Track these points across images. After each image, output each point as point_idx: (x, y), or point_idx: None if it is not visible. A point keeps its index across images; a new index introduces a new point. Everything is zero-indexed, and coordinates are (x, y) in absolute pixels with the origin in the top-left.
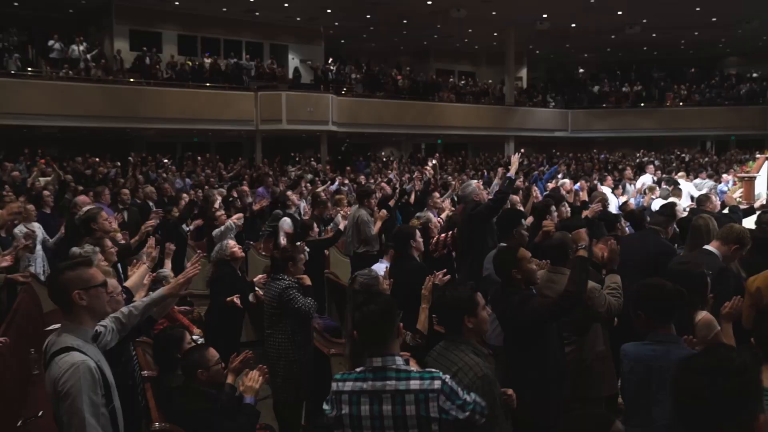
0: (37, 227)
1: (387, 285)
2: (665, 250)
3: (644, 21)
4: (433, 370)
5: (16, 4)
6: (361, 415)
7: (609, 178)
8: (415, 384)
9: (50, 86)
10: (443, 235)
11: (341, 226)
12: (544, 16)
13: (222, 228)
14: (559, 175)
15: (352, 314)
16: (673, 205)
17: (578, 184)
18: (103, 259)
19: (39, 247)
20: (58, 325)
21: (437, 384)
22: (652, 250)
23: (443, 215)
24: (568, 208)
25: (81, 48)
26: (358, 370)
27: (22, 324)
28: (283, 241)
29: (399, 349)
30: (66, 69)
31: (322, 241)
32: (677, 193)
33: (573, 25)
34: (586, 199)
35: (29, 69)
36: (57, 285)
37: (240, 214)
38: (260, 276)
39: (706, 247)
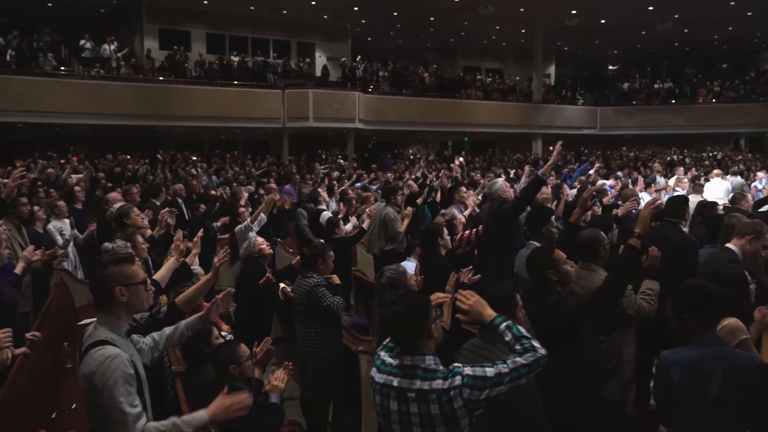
0: (68, 223)
1: (415, 281)
2: (688, 243)
3: (676, 16)
4: (457, 365)
5: (50, 4)
6: (390, 408)
7: (640, 179)
8: (438, 384)
9: (82, 85)
10: (467, 232)
11: (365, 225)
12: (573, 12)
13: (242, 226)
14: (591, 172)
15: (379, 310)
16: (682, 197)
17: (609, 182)
18: (134, 253)
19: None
20: (90, 320)
21: (458, 380)
22: (674, 243)
23: (467, 212)
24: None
25: (112, 47)
26: (395, 363)
27: (55, 319)
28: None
29: (432, 349)
30: (97, 68)
31: (346, 239)
32: (698, 190)
33: (602, 21)
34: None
35: (62, 68)
36: (99, 279)
37: (264, 205)
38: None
39: (728, 245)
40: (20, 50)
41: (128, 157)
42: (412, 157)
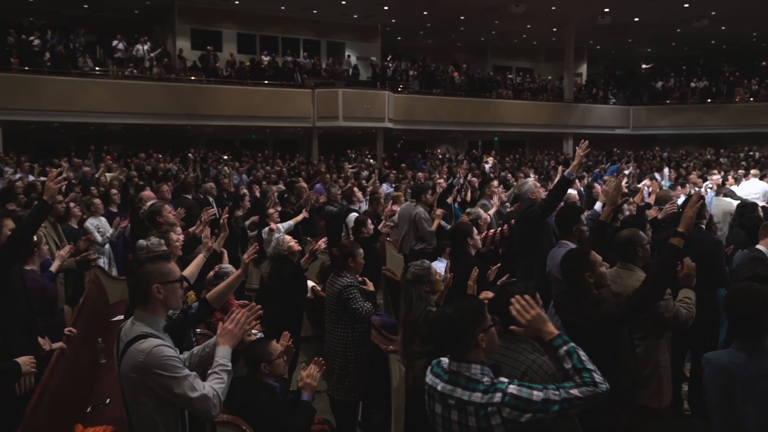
0: (104, 221)
1: (438, 277)
2: (712, 242)
3: (713, 13)
4: (502, 380)
5: (85, 6)
6: (435, 411)
7: (666, 170)
8: (476, 396)
9: (116, 85)
10: (491, 231)
11: (380, 226)
12: (606, 10)
13: (266, 230)
14: (626, 171)
15: (405, 304)
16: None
17: (644, 182)
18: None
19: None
20: (123, 316)
21: (498, 397)
22: (698, 244)
23: (492, 211)
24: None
25: (145, 48)
26: (446, 366)
27: (90, 315)
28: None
29: (481, 357)
30: (131, 68)
31: (370, 238)
32: (728, 192)
33: (636, 19)
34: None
35: (97, 68)
36: (137, 277)
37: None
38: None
39: (758, 246)
40: (57, 51)
41: (159, 155)
42: (441, 156)
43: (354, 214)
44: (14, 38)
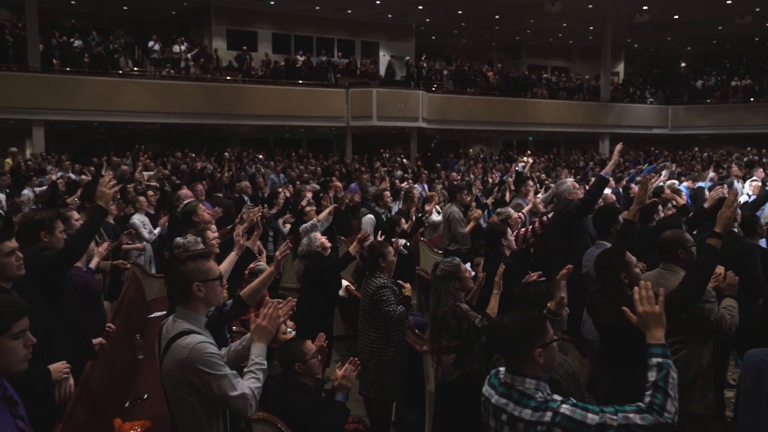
0: (147, 220)
1: (468, 273)
2: (746, 246)
3: (757, 9)
4: (555, 398)
5: (125, 8)
6: (489, 423)
7: (707, 172)
8: (526, 413)
9: (153, 85)
10: (522, 229)
11: (405, 226)
12: (645, 8)
13: (308, 224)
14: (663, 172)
15: (434, 300)
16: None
17: (684, 183)
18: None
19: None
20: (159, 313)
21: (548, 416)
22: (732, 248)
23: (525, 210)
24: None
25: (182, 48)
26: (502, 377)
27: (129, 312)
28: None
29: (538, 372)
30: (168, 69)
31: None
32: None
33: (676, 17)
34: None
35: (135, 69)
36: (178, 275)
37: (331, 209)
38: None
39: None
40: (96, 52)
41: (193, 154)
42: (475, 156)
43: (370, 216)
44: (57, 40)
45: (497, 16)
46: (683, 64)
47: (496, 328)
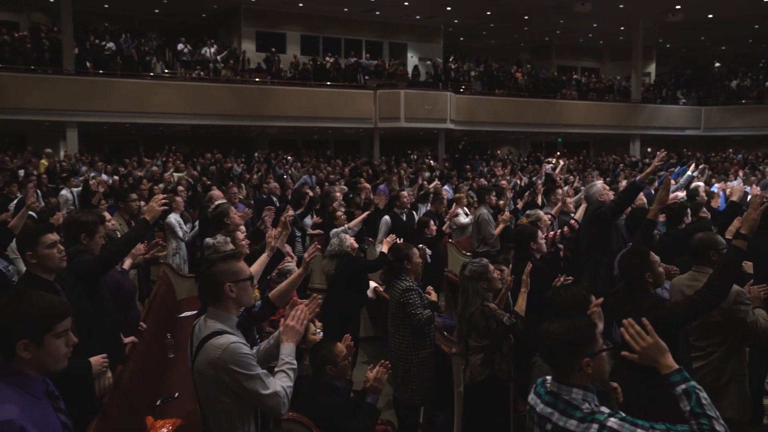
0: (182, 220)
1: (497, 274)
2: None
3: None
4: (603, 410)
5: (156, 11)
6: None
7: (742, 173)
8: (572, 424)
9: (184, 87)
10: (551, 233)
11: (445, 227)
12: (677, 7)
13: (339, 230)
14: (695, 173)
15: (462, 300)
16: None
17: (716, 186)
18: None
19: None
20: (190, 312)
21: (594, 429)
22: (759, 256)
23: (554, 211)
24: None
25: (212, 50)
26: (548, 385)
27: (160, 311)
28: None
29: (585, 382)
30: (198, 71)
31: (431, 239)
32: None
33: (710, 16)
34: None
35: (166, 71)
36: (209, 276)
37: (363, 216)
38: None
39: None
40: (128, 55)
41: (220, 156)
42: (504, 157)
43: (386, 218)
44: (90, 43)
45: (526, 17)
46: (717, 64)
47: (548, 335)
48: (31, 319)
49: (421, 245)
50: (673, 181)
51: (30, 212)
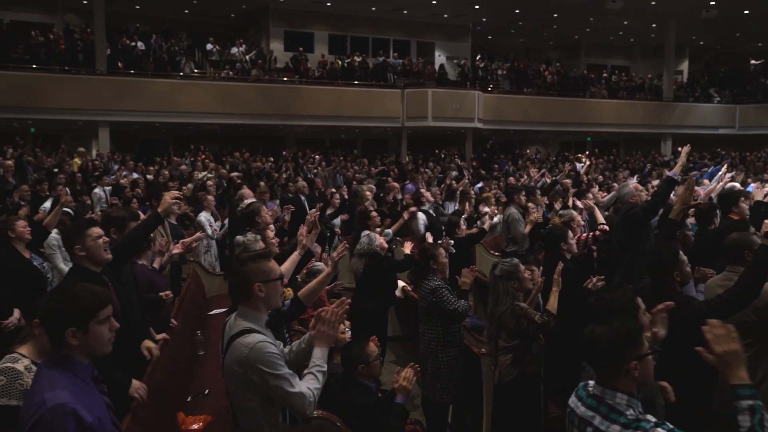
0: (212, 219)
1: (527, 274)
2: None
3: None
4: (649, 419)
5: (186, 11)
6: None
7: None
8: (614, 429)
9: (213, 87)
10: (583, 235)
11: (486, 225)
12: (712, 3)
13: (372, 236)
14: (727, 175)
15: (492, 299)
16: None
17: (752, 185)
18: (264, 247)
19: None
20: (219, 310)
21: None
22: None
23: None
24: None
25: (240, 50)
26: (591, 389)
27: (190, 309)
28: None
29: (631, 387)
30: (227, 70)
31: (467, 239)
32: None
33: (746, 12)
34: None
35: (195, 71)
36: (239, 275)
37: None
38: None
39: None
40: (158, 55)
41: (248, 155)
42: (532, 157)
43: (421, 215)
44: (122, 44)
45: (555, 15)
46: (753, 62)
47: (593, 337)
48: (76, 309)
49: (444, 238)
50: (706, 181)
51: (66, 209)
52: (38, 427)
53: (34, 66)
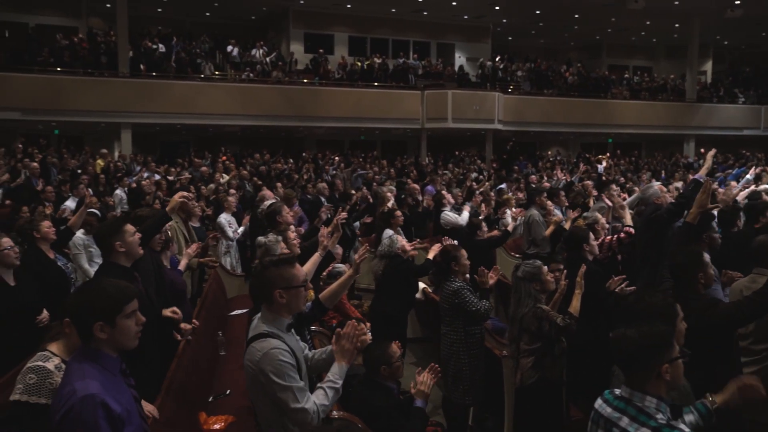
0: (233, 220)
1: (550, 276)
2: None
3: None
4: (682, 428)
5: (207, 14)
6: None
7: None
8: None
9: (234, 88)
10: (608, 237)
11: (509, 227)
12: (737, 2)
13: (394, 238)
14: (749, 176)
15: (514, 301)
16: None
17: None
18: (285, 247)
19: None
20: (240, 311)
21: None
22: None
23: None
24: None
25: (261, 52)
26: (617, 391)
27: (211, 309)
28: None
29: (660, 390)
30: (248, 72)
31: (489, 241)
32: None
33: None
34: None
35: (216, 73)
36: (261, 280)
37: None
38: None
39: None
40: (180, 57)
41: (268, 157)
42: (552, 159)
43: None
44: (143, 47)
45: (576, 15)
46: None
47: (623, 340)
48: (103, 303)
49: (445, 238)
50: (733, 183)
51: (92, 210)
52: (68, 416)
53: (59, 69)
